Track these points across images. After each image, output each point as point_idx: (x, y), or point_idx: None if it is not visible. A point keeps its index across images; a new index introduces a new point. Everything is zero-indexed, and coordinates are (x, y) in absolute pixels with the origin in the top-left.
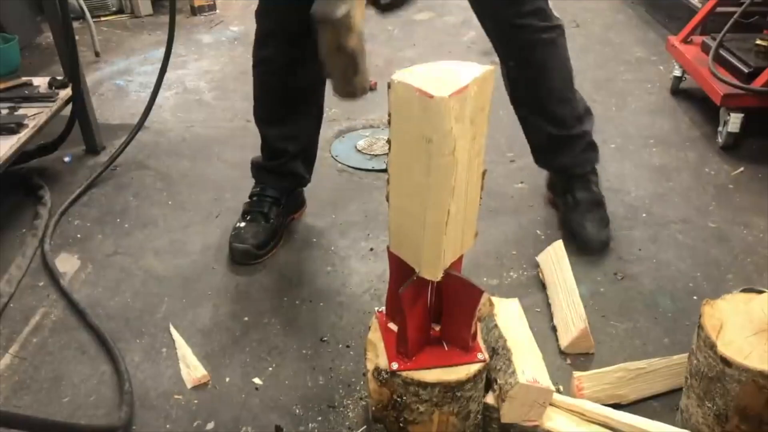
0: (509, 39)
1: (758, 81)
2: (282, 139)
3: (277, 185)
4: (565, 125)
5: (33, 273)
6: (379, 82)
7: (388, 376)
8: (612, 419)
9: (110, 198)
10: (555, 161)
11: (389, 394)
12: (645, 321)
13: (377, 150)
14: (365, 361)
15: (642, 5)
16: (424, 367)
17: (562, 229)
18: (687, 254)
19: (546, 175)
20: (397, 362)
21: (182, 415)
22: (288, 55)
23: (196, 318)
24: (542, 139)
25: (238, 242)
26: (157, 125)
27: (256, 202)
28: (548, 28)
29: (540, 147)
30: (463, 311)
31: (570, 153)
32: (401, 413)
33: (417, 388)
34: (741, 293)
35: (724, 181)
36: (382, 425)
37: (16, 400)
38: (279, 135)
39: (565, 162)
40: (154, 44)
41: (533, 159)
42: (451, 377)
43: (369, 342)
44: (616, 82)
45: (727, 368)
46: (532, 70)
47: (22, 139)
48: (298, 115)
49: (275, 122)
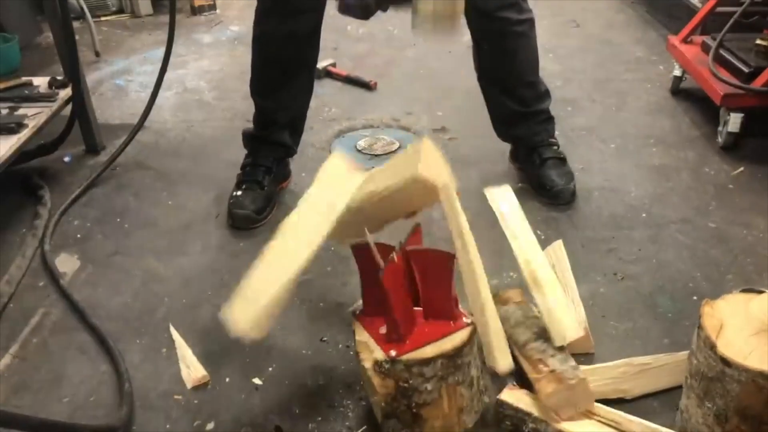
0: (487, 28)
1: (758, 81)
2: (275, 110)
3: (269, 155)
4: (527, 104)
5: (33, 273)
6: (379, 82)
7: (390, 365)
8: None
9: (110, 198)
10: (516, 132)
11: (395, 384)
12: (645, 321)
13: (377, 150)
14: (361, 363)
15: (642, 5)
16: (420, 346)
17: (530, 186)
18: (687, 254)
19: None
20: (393, 349)
21: (182, 415)
22: (285, 28)
23: (196, 318)
24: (505, 114)
25: (238, 208)
26: (157, 125)
27: (250, 171)
28: (522, 21)
29: (502, 120)
30: (439, 281)
31: (530, 125)
32: (411, 398)
33: (420, 367)
34: (741, 293)
35: (724, 181)
36: (395, 419)
37: (16, 400)
38: (272, 106)
39: (526, 132)
40: (154, 44)
41: (494, 130)
42: (449, 346)
43: (359, 344)
44: (616, 82)
45: (727, 368)
46: (504, 56)
47: (22, 139)
48: (292, 85)
49: (269, 93)
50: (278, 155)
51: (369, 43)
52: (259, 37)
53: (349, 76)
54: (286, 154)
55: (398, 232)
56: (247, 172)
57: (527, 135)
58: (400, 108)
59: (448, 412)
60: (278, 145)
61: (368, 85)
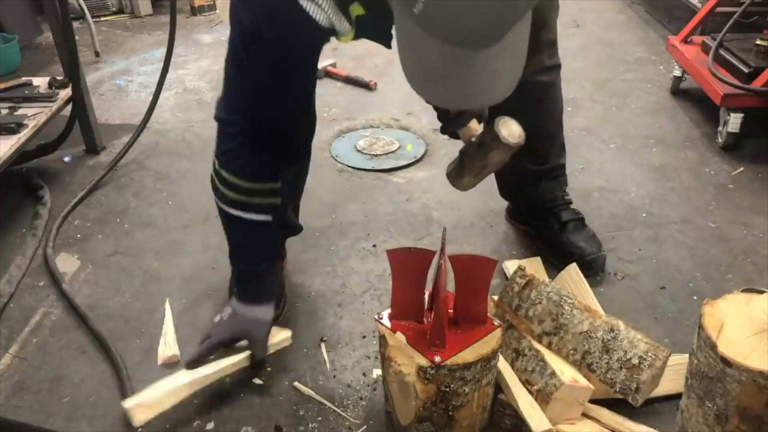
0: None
1: (758, 81)
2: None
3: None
4: (544, 159)
5: (33, 273)
6: (379, 82)
7: (435, 371)
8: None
9: (110, 198)
10: (527, 193)
11: (436, 389)
12: (645, 321)
13: (377, 150)
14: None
15: (642, 5)
16: (459, 351)
17: (547, 252)
18: (687, 254)
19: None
20: (437, 355)
21: (182, 415)
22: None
23: (196, 318)
24: (516, 172)
25: None
26: (157, 125)
27: None
28: (551, 68)
29: (512, 179)
30: (477, 287)
31: (544, 184)
32: (449, 402)
33: (462, 371)
34: (741, 293)
35: (724, 181)
36: (428, 422)
37: (16, 400)
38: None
39: (539, 192)
40: (154, 44)
41: (498, 189)
42: (487, 349)
43: (392, 349)
44: (616, 82)
45: (727, 368)
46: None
47: (22, 139)
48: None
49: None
50: (285, 235)
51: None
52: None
53: (349, 76)
54: (292, 233)
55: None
56: None
57: (541, 194)
58: (400, 108)
59: (475, 411)
60: (282, 228)
61: (368, 85)
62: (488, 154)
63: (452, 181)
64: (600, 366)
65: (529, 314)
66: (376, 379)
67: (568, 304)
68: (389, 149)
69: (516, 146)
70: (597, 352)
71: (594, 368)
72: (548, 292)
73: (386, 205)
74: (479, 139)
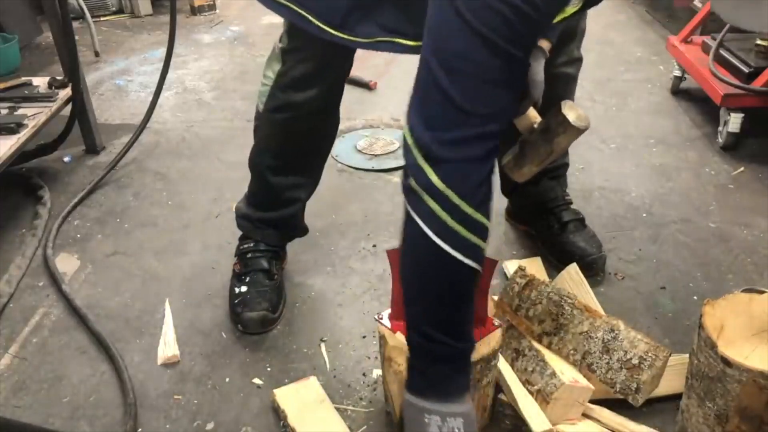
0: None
1: (758, 81)
2: (295, 188)
3: (280, 239)
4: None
5: (33, 273)
6: (379, 82)
7: None
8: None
9: (110, 198)
10: (527, 190)
11: None
12: (645, 321)
13: (377, 150)
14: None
15: (642, 5)
16: None
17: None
18: (687, 254)
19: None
20: None
21: (182, 415)
22: (324, 99)
23: (196, 318)
24: None
25: (248, 310)
26: (157, 125)
27: (253, 259)
28: (577, 61)
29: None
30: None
31: (545, 182)
32: None
33: None
34: (742, 293)
35: (724, 181)
36: None
37: (16, 400)
38: (292, 183)
39: (540, 191)
40: (154, 44)
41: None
42: (487, 350)
43: (392, 349)
44: (617, 82)
45: (727, 368)
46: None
47: (21, 139)
48: (316, 162)
49: (290, 171)
50: (291, 237)
51: None
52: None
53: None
54: (302, 234)
55: None
56: (250, 260)
57: (542, 194)
58: (400, 108)
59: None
60: (291, 228)
61: (368, 85)
62: (555, 139)
63: (510, 171)
64: (600, 366)
65: (529, 314)
66: (376, 379)
67: (569, 305)
68: (389, 149)
69: (584, 129)
70: (597, 352)
71: (594, 368)
72: (548, 293)
73: (386, 205)
74: (542, 125)
